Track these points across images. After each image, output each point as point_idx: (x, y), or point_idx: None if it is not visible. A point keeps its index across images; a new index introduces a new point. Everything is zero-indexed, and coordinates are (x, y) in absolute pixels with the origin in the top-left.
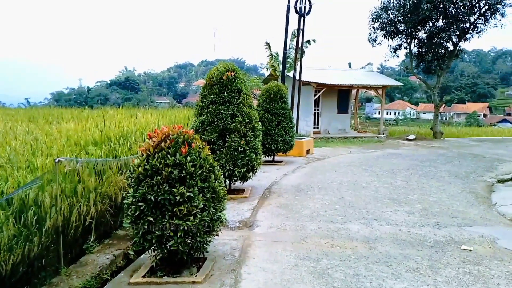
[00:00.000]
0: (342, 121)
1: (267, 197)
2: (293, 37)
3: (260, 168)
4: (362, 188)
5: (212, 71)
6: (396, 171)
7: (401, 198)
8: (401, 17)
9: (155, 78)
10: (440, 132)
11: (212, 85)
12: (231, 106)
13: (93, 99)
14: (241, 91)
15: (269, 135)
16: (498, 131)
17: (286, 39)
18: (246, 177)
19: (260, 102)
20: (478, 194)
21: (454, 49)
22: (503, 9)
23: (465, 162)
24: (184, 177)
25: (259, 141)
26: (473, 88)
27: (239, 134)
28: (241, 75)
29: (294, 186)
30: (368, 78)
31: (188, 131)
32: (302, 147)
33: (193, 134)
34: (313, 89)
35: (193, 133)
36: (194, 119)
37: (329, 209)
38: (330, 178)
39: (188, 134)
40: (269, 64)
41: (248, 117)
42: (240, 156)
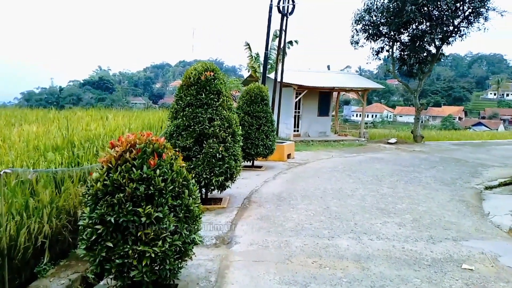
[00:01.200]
0: (322, 124)
1: (246, 208)
2: (275, 37)
3: (239, 176)
4: (348, 197)
5: (189, 71)
6: (380, 177)
7: (389, 207)
8: (384, 20)
9: (131, 78)
10: (421, 136)
11: (189, 86)
12: (210, 109)
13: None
14: (220, 93)
15: (249, 139)
16: (477, 134)
17: (268, 39)
18: (225, 186)
19: (240, 104)
20: (469, 203)
21: (436, 52)
22: (487, 13)
23: (449, 167)
24: (152, 194)
25: (239, 147)
26: (449, 92)
27: (218, 139)
28: (221, 75)
29: (276, 194)
30: (350, 80)
31: (159, 139)
32: (283, 151)
33: (164, 142)
34: (294, 91)
35: (164, 141)
36: (168, 122)
37: (315, 221)
38: (313, 185)
39: (159, 142)
40: (249, 65)
41: (228, 121)
42: (218, 164)
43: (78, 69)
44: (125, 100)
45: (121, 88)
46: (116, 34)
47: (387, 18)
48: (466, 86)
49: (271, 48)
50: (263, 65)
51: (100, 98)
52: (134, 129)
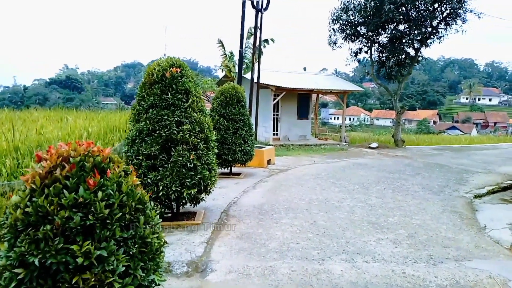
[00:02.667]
0: (302, 128)
1: (224, 224)
2: (250, 35)
3: (215, 186)
4: (335, 209)
5: (151, 67)
6: (367, 185)
7: (381, 221)
8: (362, 19)
9: (101, 77)
10: (402, 140)
11: (152, 84)
12: (177, 111)
13: (30, 99)
14: (189, 92)
15: (225, 144)
16: (455, 139)
17: (242, 36)
18: (198, 199)
19: (215, 106)
20: (462, 214)
21: (415, 55)
22: (464, 15)
23: (433, 174)
24: (91, 225)
25: (214, 155)
26: (423, 96)
27: (188, 146)
28: (189, 72)
29: (257, 206)
30: (329, 82)
31: (103, 150)
32: (263, 157)
33: (110, 154)
34: (272, 93)
35: (110, 152)
36: (130, 126)
37: (301, 239)
38: (297, 195)
39: (103, 154)
40: (223, 64)
41: (200, 124)
42: (189, 174)
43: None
44: (95, 101)
45: (90, 88)
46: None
47: (365, 17)
48: (439, 90)
49: (246, 46)
50: (238, 64)
51: (69, 98)
52: (94, 132)
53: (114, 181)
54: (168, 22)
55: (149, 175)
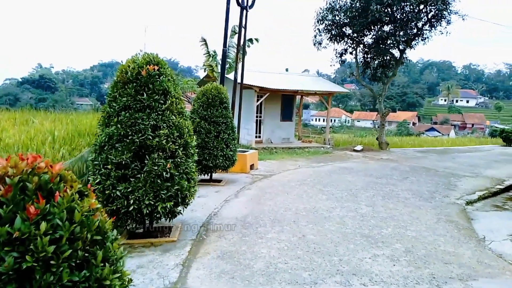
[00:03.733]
0: (286, 130)
1: (203, 240)
2: (234, 34)
3: (194, 198)
4: (325, 219)
5: (125, 64)
6: (355, 191)
7: (374, 233)
8: (348, 20)
9: (76, 77)
10: (386, 143)
11: (126, 84)
12: (154, 114)
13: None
14: (168, 93)
15: (206, 149)
16: (438, 141)
17: (226, 34)
18: (174, 213)
19: (195, 108)
20: (458, 224)
21: (400, 56)
22: (449, 16)
23: (421, 178)
24: (30, 269)
25: (194, 162)
26: (403, 97)
27: (165, 153)
28: (168, 71)
29: (240, 219)
30: (314, 83)
31: (53, 166)
32: (245, 161)
33: (62, 170)
34: (255, 94)
35: (61, 169)
36: (98, 131)
37: (290, 257)
38: (283, 204)
39: (52, 171)
40: (206, 64)
41: (179, 129)
42: (165, 185)
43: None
44: (69, 101)
45: (65, 88)
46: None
47: (351, 18)
48: (418, 92)
49: (229, 45)
50: (221, 63)
51: (41, 99)
52: (60, 136)
53: (64, 207)
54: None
55: (118, 187)
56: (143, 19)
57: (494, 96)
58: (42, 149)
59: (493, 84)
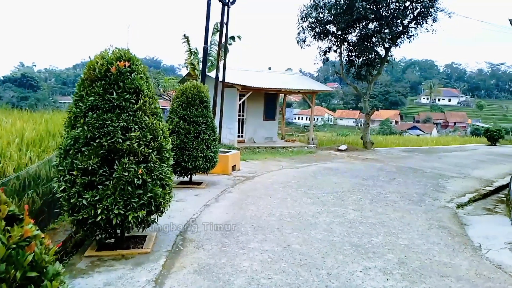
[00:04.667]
0: (269, 129)
1: (180, 251)
2: (216, 31)
3: (169, 205)
4: (310, 226)
5: (93, 60)
6: (341, 194)
7: (364, 242)
8: (332, 17)
9: (58, 75)
10: (371, 142)
11: (93, 81)
12: (124, 114)
13: None
14: (140, 92)
15: (185, 150)
16: (422, 140)
17: (207, 31)
18: (148, 222)
19: (174, 107)
20: (451, 230)
21: (385, 54)
22: (436, 13)
23: (409, 180)
24: None
25: (169, 167)
26: (386, 96)
27: (136, 158)
28: (141, 67)
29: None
30: (297, 82)
31: None
32: (227, 163)
33: None
34: (237, 93)
35: None
36: (64, 133)
37: (274, 271)
38: (266, 209)
39: None
40: (188, 62)
41: (152, 131)
42: (136, 193)
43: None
44: (51, 100)
45: (47, 87)
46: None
47: (335, 15)
48: (401, 91)
49: (211, 43)
50: (202, 61)
51: (23, 97)
52: (30, 138)
53: None
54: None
55: (85, 195)
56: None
57: (475, 95)
58: (8, 152)
59: (475, 83)
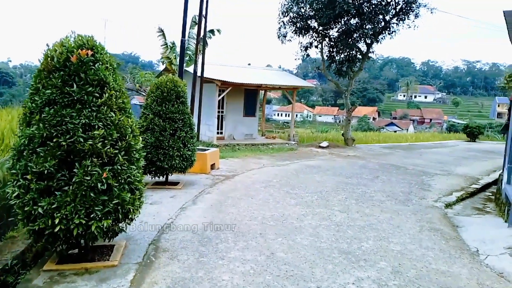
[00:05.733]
0: (249, 126)
1: (151, 264)
2: (194, 24)
3: (140, 211)
4: (296, 231)
5: (52, 48)
6: (325, 194)
7: (354, 248)
8: (314, 12)
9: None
10: (352, 139)
11: (51, 72)
12: (86, 110)
13: None
14: (106, 84)
15: (160, 149)
16: (402, 136)
17: (185, 24)
18: (115, 231)
19: (149, 102)
20: (444, 233)
21: (367, 50)
22: (418, 9)
23: (393, 178)
24: None
25: (139, 169)
26: (364, 93)
27: (100, 159)
28: (106, 57)
29: (197, 232)
30: (278, 78)
31: None
32: (206, 161)
33: None
34: (217, 88)
35: None
36: (18, 131)
37: (257, 286)
38: (248, 211)
39: None
40: (164, 56)
41: (119, 128)
42: (101, 199)
43: None
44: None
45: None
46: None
47: (317, 10)
48: (379, 88)
49: (189, 36)
50: (180, 55)
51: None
52: None
53: None
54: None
55: (41, 203)
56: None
57: (451, 92)
58: None
59: (451, 80)
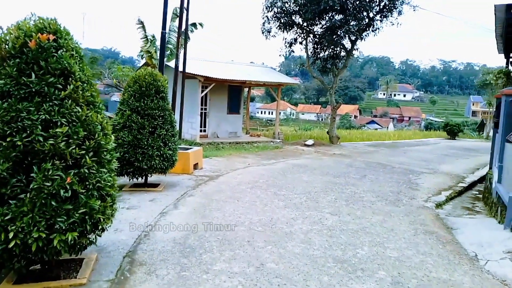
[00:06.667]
0: (233, 123)
1: (125, 281)
2: (175, 16)
3: (111, 221)
4: (286, 237)
5: (6, 32)
6: (315, 195)
7: (349, 256)
8: (298, 7)
9: None
10: (337, 137)
11: (4, 59)
12: (47, 104)
13: None
14: (71, 74)
15: (138, 148)
16: (385, 134)
17: (165, 15)
18: (82, 245)
19: (125, 98)
20: (439, 236)
21: (351, 47)
22: (401, 6)
23: (380, 176)
24: None
25: (111, 172)
26: (345, 91)
27: (64, 161)
28: (71, 43)
29: (179, 241)
30: (263, 74)
31: None
32: (188, 160)
33: None
34: (199, 84)
35: None
36: None
37: None
38: (234, 216)
39: None
40: (144, 50)
41: (87, 126)
42: (64, 209)
43: None
44: None
45: None
46: None
47: (301, 5)
48: (360, 86)
49: (170, 29)
50: (160, 49)
51: None
52: None
53: None
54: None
55: None
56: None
57: (428, 91)
58: None
59: (428, 79)
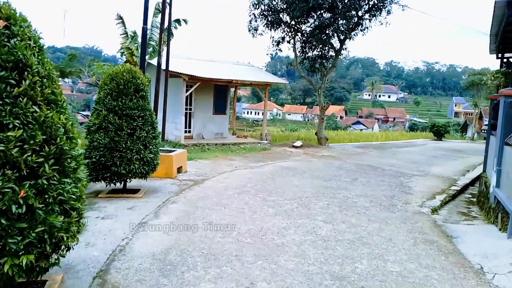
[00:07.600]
0: (219, 124)
1: None
2: (158, 12)
3: (78, 239)
4: (278, 250)
5: None
6: (306, 200)
7: (348, 272)
8: (286, 5)
9: None
10: (325, 138)
11: None
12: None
13: None
14: (27, 68)
15: (116, 151)
16: (373, 135)
17: (147, 10)
18: (40, 269)
19: (101, 96)
20: (440, 246)
21: (340, 47)
22: (390, 6)
23: (372, 180)
24: None
25: (77, 182)
26: (331, 92)
27: (17, 171)
28: (30, 32)
29: (158, 257)
30: (250, 74)
31: None
32: (171, 164)
33: None
34: (184, 83)
35: None
36: None
37: None
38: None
39: None
40: (124, 47)
41: (46, 128)
42: (17, 227)
43: None
44: None
45: None
46: None
47: (289, 3)
48: (345, 87)
49: (152, 25)
50: (141, 45)
51: None
52: None
53: None
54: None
55: None
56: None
57: (412, 92)
58: None
59: (412, 80)
